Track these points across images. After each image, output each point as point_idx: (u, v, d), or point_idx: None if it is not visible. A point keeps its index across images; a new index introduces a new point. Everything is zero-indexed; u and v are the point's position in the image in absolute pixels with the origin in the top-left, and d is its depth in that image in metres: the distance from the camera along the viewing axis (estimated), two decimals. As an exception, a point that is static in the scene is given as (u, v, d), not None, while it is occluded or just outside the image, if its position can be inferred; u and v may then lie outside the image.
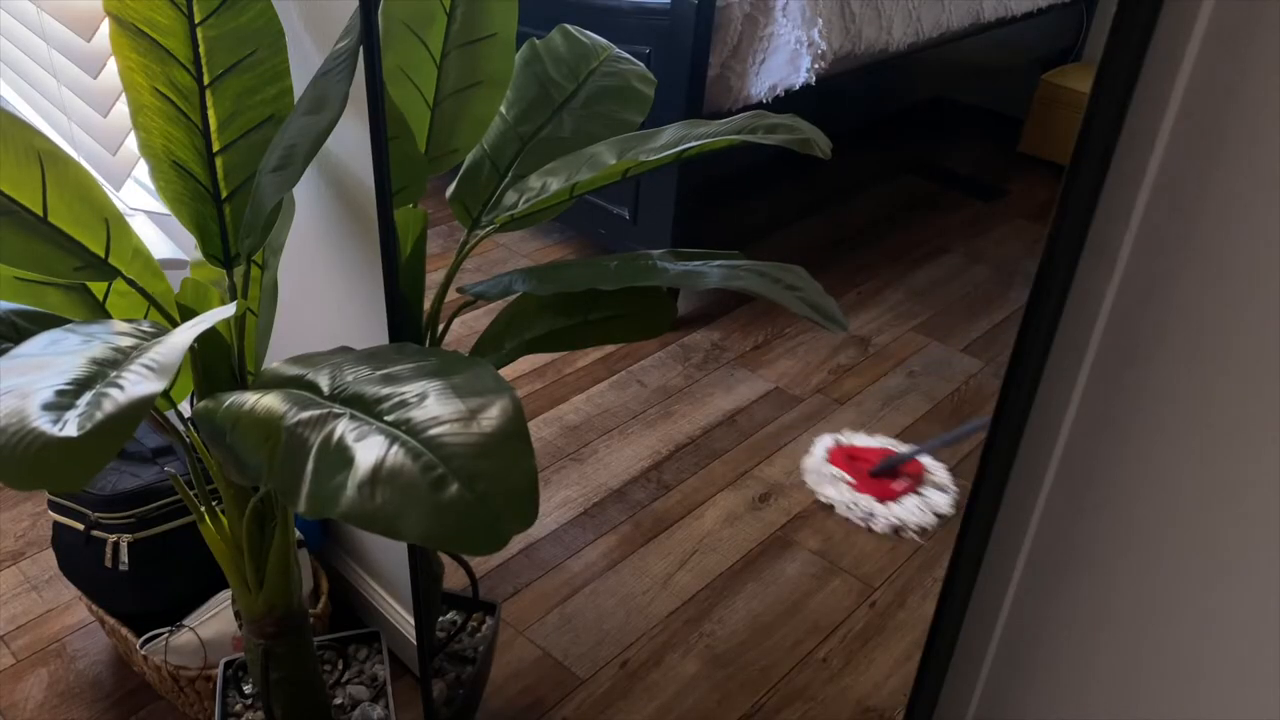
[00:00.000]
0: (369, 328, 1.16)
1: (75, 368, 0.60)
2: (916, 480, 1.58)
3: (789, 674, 1.37)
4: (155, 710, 1.38)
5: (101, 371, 0.60)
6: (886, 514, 1.54)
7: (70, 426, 0.54)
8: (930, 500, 1.56)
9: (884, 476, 1.59)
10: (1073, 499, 0.66)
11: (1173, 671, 0.65)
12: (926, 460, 1.61)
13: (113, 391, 0.57)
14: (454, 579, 1.24)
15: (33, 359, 0.62)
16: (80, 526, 1.31)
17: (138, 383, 0.58)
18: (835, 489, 1.59)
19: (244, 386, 0.91)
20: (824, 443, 1.65)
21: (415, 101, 0.93)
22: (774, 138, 0.82)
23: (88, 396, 0.57)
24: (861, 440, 1.64)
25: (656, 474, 1.65)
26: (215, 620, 1.32)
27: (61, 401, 0.56)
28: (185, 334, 0.65)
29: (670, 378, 1.78)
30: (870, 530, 1.54)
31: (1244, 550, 0.58)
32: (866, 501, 1.56)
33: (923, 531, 1.53)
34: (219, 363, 0.90)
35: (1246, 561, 0.58)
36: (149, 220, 1.44)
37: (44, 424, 0.54)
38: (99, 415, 0.55)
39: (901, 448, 1.62)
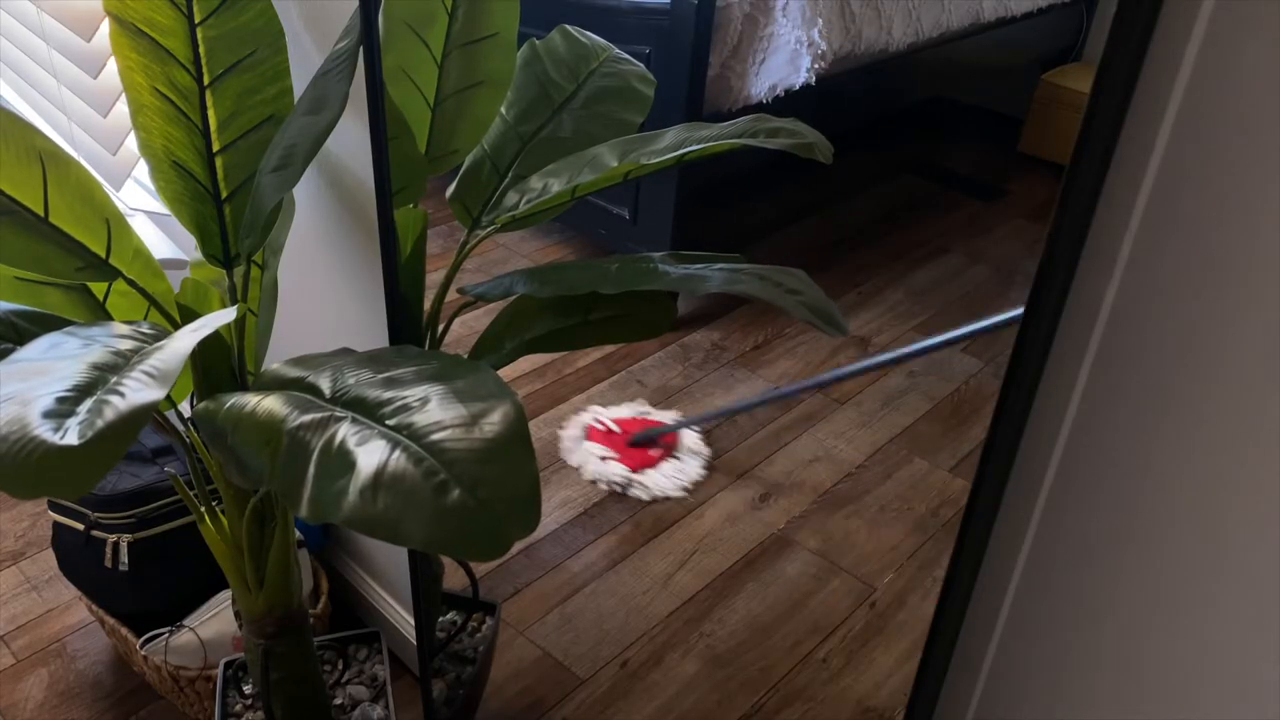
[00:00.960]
0: (369, 328, 1.16)
1: (76, 373, 0.60)
2: (671, 449, 1.66)
3: (789, 674, 1.37)
4: (155, 710, 1.38)
5: (102, 377, 0.60)
6: (642, 481, 1.62)
7: (71, 434, 0.54)
8: (685, 466, 1.64)
9: (642, 446, 1.67)
10: (1072, 499, 0.66)
11: (1172, 671, 0.65)
12: (684, 431, 1.69)
13: (113, 399, 0.57)
14: (454, 579, 1.24)
15: (33, 364, 0.62)
16: (80, 526, 1.31)
17: (138, 390, 0.58)
18: (594, 462, 1.66)
19: (244, 387, 0.91)
20: (581, 420, 1.72)
21: (415, 101, 0.93)
22: (776, 142, 0.82)
23: (88, 404, 0.57)
24: (618, 412, 1.72)
25: (656, 474, 1.65)
26: (215, 620, 1.32)
27: (62, 409, 0.56)
28: (186, 339, 0.65)
29: (670, 378, 1.78)
30: (626, 495, 1.62)
31: (1244, 550, 0.58)
32: (622, 470, 1.63)
33: (672, 497, 1.62)
34: (219, 363, 0.90)
35: (1246, 561, 0.58)
36: (149, 220, 1.44)
37: (45, 432, 0.54)
38: (100, 423, 0.55)
39: (659, 417, 1.71)
